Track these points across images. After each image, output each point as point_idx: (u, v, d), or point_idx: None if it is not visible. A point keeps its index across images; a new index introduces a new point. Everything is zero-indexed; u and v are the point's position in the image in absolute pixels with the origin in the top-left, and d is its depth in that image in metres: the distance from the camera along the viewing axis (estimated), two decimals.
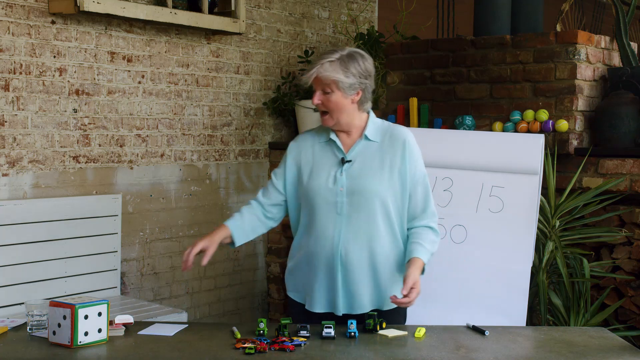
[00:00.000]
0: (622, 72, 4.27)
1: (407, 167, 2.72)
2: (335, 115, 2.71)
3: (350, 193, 2.69)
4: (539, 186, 3.45)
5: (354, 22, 5.47)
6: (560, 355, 2.41)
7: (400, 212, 2.74)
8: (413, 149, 2.76)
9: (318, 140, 2.82)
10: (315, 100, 2.70)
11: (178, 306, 4.49)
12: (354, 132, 2.77)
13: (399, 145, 2.74)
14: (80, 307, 2.36)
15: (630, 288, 3.90)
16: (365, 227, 2.70)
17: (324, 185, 2.72)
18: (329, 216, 2.72)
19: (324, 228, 2.72)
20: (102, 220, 4.05)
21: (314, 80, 2.68)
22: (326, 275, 2.74)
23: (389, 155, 2.73)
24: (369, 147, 2.75)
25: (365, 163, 2.72)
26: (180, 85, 4.48)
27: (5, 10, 3.67)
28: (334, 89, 2.67)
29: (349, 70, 2.67)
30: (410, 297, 2.56)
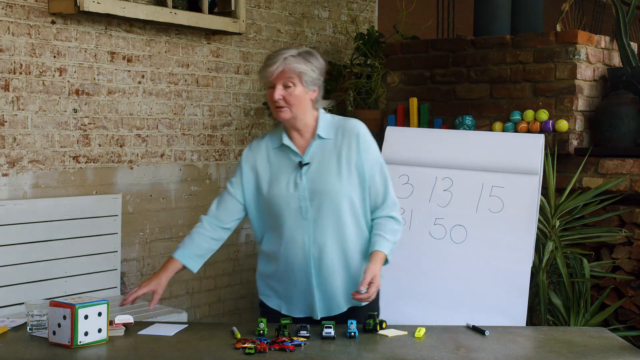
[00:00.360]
0: (622, 72, 4.27)
1: (362, 160, 2.70)
2: (294, 110, 2.67)
3: (313, 196, 2.67)
4: (539, 186, 3.45)
5: (354, 22, 5.47)
6: (560, 355, 2.41)
7: (363, 205, 2.73)
8: (367, 141, 2.74)
9: (271, 147, 2.77)
10: (277, 95, 2.64)
11: (178, 306, 4.49)
12: (307, 132, 2.74)
13: (353, 140, 2.71)
14: (80, 307, 2.36)
15: (630, 288, 3.90)
16: (333, 228, 2.68)
17: (285, 192, 2.68)
18: (296, 222, 2.69)
19: (292, 235, 2.69)
20: (102, 220, 4.05)
21: (273, 76, 2.64)
22: (302, 280, 2.71)
23: (345, 151, 2.70)
24: (324, 146, 2.72)
25: (323, 163, 2.69)
26: (180, 85, 4.48)
27: (5, 10, 3.67)
28: (296, 82, 2.65)
29: (312, 63, 2.68)
30: (369, 292, 2.56)
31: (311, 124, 2.74)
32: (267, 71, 2.65)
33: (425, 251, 3.49)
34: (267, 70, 2.65)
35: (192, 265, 2.78)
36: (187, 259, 2.77)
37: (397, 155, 3.63)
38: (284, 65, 2.64)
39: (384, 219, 2.74)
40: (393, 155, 3.64)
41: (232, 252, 4.87)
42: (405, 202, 3.57)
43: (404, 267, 3.47)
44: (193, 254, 2.78)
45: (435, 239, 3.52)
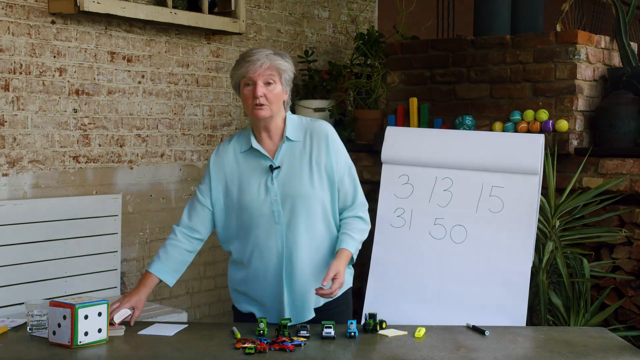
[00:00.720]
0: (622, 72, 4.27)
1: (332, 162, 2.70)
2: (273, 108, 2.64)
3: (285, 200, 2.65)
4: (539, 186, 3.45)
5: (354, 22, 5.47)
6: (560, 355, 2.41)
7: (333, 208, 2.73)
8: (335, 142, 2.73)
9: (239, 150, 2.74)
10: (259, 92, 2.59)
11: (178, 306, 4.49)
12: (276, 134, 2.71)
13: (322, 141, 2.70)
14: (80, 307, 2.36)
15: (630, 288, 3.90)
16: (306, 231, 2.67)
17: (256, 198, 2.66)
18: (268, 227, 2.67)
19: (264, 240, 2.68)
20: (102, 220, 4.05)
21: (256, 73, 2.60)
22: (272, 285, 2.70)
23: (314, 153, 2.69)
24: (293, 148, 2.70)
25: (294, 166, 2.68)
26: (180, 85, 4.48)
27: (5, 10, 3.67)
28: (277, 80, 2.63)
29: (289, 63, 2.68)
30: (332, 287, 2.56)
31: (281, 125, 2.72)
32: (252, 67, 2.59)
33: (425, 251, 3.49)
34: (252, 66, 2.59)
35: (168, 280, 2.76)
36: (164, 273, 2.74)
37: (397, 155, 3.63)
38: (269, 61, 2.61)
39: (351, 219, 2.75)
40: (393, 155, 3.63)
41: None
42: (405, 202, 3.57)
43: (404, 267, 3.47)
44: (169, 268, 2.76)
45: (435, 239, 3.52)
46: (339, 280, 2.58)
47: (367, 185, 4.70)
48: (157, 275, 2.74)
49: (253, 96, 2.61)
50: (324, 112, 4.83)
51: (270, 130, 2.70)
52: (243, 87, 2.65)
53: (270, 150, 2.71)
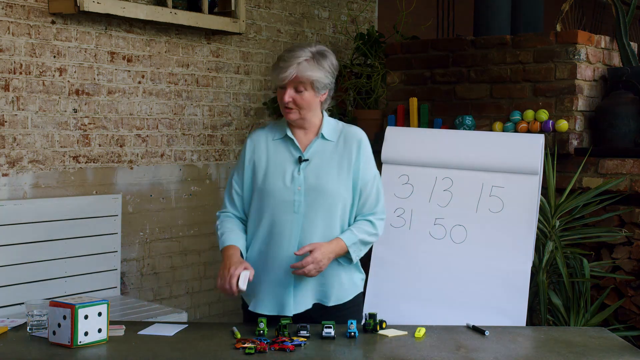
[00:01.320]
0: (622, 72, 4.27)
1: (359, 166, 2.72)
2: (303, 113, 2.69)
3: (308, 192, 2.67)
4: (539, 186, 3.45)
5: (354, 22, 5.47)
6: (560, 355, 2.41)
7: (351, 211, 2.75)
8: (366, 149, 2.76)
9: (272, 137, 2.77)
10: (287, 98, 2.64)
11: (178, 306, 4.49)
12: (311, 131, 2.75)
13: (354, 145, 2.73)
14: (80, 307, 2.36)
15: (630, 288, 3.90)
16: (322, 226, 2.68)
17: (281, 184, 2.68)
18: (285, 215, 2.68)
19: (280, 227, 2.69)
20: (102, 220, 4.05)
21: (284, 81, 2.63)
22: (279, 275, 2.69)
23: (345, 155, 2.72)
24: (326, 147, 2.74)
25: (323, 162, 2.70)
26: (180, 85, 4.48)
27: (5, 10, 3.67)
28: (308, 87, 2.65)
29: (324, 68, 2.67)
30: (303, 261, 2.56)
31: (317, 123, 2.76)
32: (280, 75, 2.64)
33: (425, 251, 3.49)
34: (280, 75, 2.64)
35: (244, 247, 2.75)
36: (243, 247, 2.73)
37: (397, 155, 3.63)
38: (297, 71, 2.63)
39: (362, 221, 2.76)
40: (393, 155, 3.63)
41: None
42: (405, 202, 3.57)
43: (404, 267, 3.47)
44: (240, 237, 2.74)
45: (435, 239, 3.52)
46: (313, 255, 2.57)
47: None
48: (237, 245, 2.71)
49: (282, 99, 2.67)
50: None
51: (304, 128, 2.76)
52: (278, 87, 2.71)
53: (303, 143, 2.75)
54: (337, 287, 2.73)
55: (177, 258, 4.54)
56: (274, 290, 2.71)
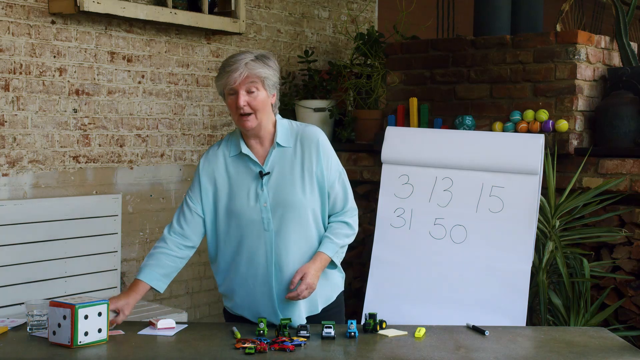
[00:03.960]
0: (622, 72, 4.27)
1: (322, 168, 2.67)
2: (259, 116, 2.61)
3: (276, 207, 2.62)
4: (539, 186, 3.45)
5: (354, 22, 5.47)
6: (560, 355, 2.41)
7: (323, 215, 2.71)
8: (326, 148, 2.70)
9: (228, 155, 2.70)
10: (242, 102, 2.57)
11: (178, 306, 4.49)
12: (266, 140, 2.68)
13: (313, 148, 2.67)
14: (80, 307, 2.36)
15: (630, 288, 3.90)
16: (295, 239, 2.64)
17: (246, 204, 2.62)
18: (257, 234, 2.63)
19: (254, 248, 2.64)
20: (102, 220, 4.05)
21: (236, 83, 2.56)
22: (263, 295, 2.67)
23: (306, 159, 2.66)
24: (284, 154, 2.67)
25: (284, 173, 2.65)
26: (180, 85, 4.48)
27: (5, 10, 3.67)
28: (259, 87, 2.59)
29: (270, 67, 2.63)
30: (298, 290, 2.56)
31: (271, 130, 2.68)
32: (230, 77, 2.57)
33: (425, 251, 3.49)
34: (230, 77, 2.57)
35: (159, 286, 2.67)
36: (155, 280, 2.66)
37: (397, 155, 3.63)
38: (247, 70, 2.57)
39: (337, 223, 2.73)
40: (393, 155, 3.64)
41: None
42: (405, 202, 3.57)
43: (404, 267, 3.48)
44: (159, 275, 2.67)
45: (435, 239, 3.52)
46: (306, 281, 2.57)
47: (367, 185, 4.71)
48: (148, 282, 2.65)
49: (236, 106, 2.59)
50: (324, 112, 4.83)
51: (260, 137, 2.67)
52: (227, 96, 2.63)
53: (260, 155, 2.68)
54: (322, 292, 2.73)
55: None
56: (260, 309, 2.68)
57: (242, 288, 2.70)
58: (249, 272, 2.67)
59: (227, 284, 2.74)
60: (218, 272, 2.77)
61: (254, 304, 2.70)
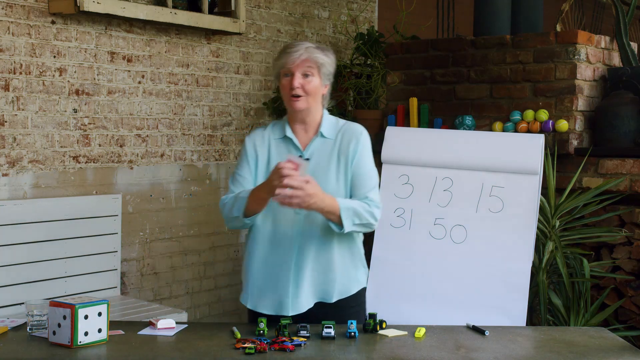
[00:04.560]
0: (622, 72, 4.27)
1: (356, 157, 2.71)
2: (310, 100, 2.67)
3: None
4: (539, 186, 3.45)
5: (354, 22, 5.47)
6: (560, 355, 2.41)
7: None
8: (366, 144, 2.74)
9: (273, 137, 2.77)
10: (296, 83, 2.63)
11: (178, 306, 4.49)
12: (311, 128, 2.75)
13: (353, 139, 2.72)
14: (80, 307, 2.36)
15: (630, 288, 3.90)
16: (322, 226, 2.67)
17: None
18: (287, 215, 2.67)
19: (281, 227, 2.68)
20: (102, 220, 4.05)
21: (294, 64, 2.63)
22: (279, 275, 2.69)
23: (344, 149, 2.71)
24: (325, 145, 2.73)
25: (322, 162, 2.70)
26: (180, 85, 4.48)
27: (5, 10, 3.67)
28: (315, 73, 2.66)
29: (329, 57, 2.71)
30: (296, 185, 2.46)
31: (317, 120, 2.75)
32: (290, 58, 2.64)
33: (425, 251, 3.49)
34: (290, 57, 2.64)
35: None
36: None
37: (397, 155, 3.63)
38: (307, 54, 2.65)
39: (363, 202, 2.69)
40: (393, 155, 3.63)
41: (232, 252, 4.87)
42: (405, 202, 3.57)
43: (404, 267, 3.47)
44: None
45: (435, 239, 3.52)
46: (308, 185, 2.49)
47: None
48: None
49: (290, 87, 2.65)
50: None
51: (306, 123, 2.74)
52: (282, 77, 2.69)
53: (303, 142, 2.74)
54: (340, 282, 2.72)
55: (177, 258, 4.54)
56: (273, 291, 2.71)
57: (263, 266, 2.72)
58: (271, 250, 2.70)
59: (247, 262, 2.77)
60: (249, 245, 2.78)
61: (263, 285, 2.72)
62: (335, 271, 2.72)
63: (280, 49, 2.75)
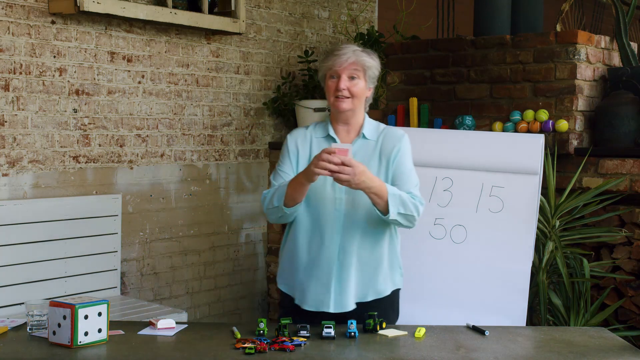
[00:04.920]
0: (622, 72, 4.27)
1: (397, 158, 2.75)
2: (355, 102, 2.73)
3: (349, 190, 2.68)
4: (539, 186, 3.45)
5: (354, 22, 5.47)
6: (560, 355, 2.41)
7: None
8: (406, 147, 2.80)
9: (315, 135, 2.82)
10: (343, 85, 2.69)
11: (178, 306, 4.49)
12: (353, 129, 2.80)
13: (395, 141, 2.77)
14: (80, 307, 2.36)
15: (630, 288, 3.90)
16: (362, 224, 2.71)
17: (322, 182, 2.69)
18: (327, 212, 2.71)
19: (321, 223, 2.72)
20: (102, 220, 4.05)
21: (342, 67, 2.69)
22: (320, 270, 2.73)
23: (385, 150, 2.76)
24: (366, 146, 2.78)
25: (363, 161, 2.71)
26: (180, 85, 4.48)
27: (5, 10, 3.67)
28: (361, 75, 2.73)
29: (376, 61, 2.79)
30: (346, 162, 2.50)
31: (360, 122, 2.81)
32: (338, 60, 2.70)
33: (425, 251, 3.49)
34: (338, 60, 2.70)
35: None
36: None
37: None
38: (355, 57, 2.71)
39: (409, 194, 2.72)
40: None
41: (232, 252, 4.87)
42: None
43: (404, 267, 3.47)
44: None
45: (435, 239, 3.52)
46: (358, 164, 2.53)
47: None
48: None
49: (336, 88, 2.71)
50: (324, 112, 4.83)
51: (349, 124, 2.79)
52: (328, 79, 2.74)
53: (345, 142, 2.78)
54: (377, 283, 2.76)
55: (177, 258, 4.54)
56: (313, 287, 2.74)
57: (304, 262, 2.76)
58: (312, 246, 2.74)
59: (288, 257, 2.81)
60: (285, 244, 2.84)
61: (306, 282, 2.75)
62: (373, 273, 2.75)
63: (327, 51, 2.81)
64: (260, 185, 4.99)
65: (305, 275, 2.76)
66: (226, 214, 4.79)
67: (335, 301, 2.73)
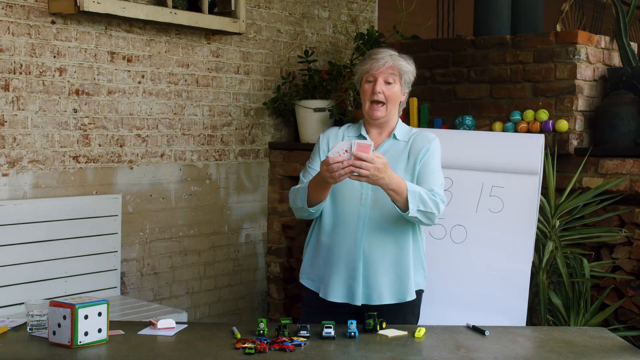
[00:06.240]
0: (622, 72, 4.27)
1: (425, 157, 2.79)
2: (389, 107, 2.78)
3: (376, 187, 2.70)
4: (539, 186, 3.45)
5: (354, 22, 5.47)
6: (560, 355, 2.41)
7: None
8: (437, 149, 2.84)
9: (347, 134, 2.87)
10: (379, 88, 2.73)
11: (178, 306, 4.49)
12: (385, 132, 2.85)
13: (425, 142, 2.82)
14: (80, 307, 2.36)
15: (630, 288, 3.90)
16: (387, 220, 2.75)
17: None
18: (354, 207, 2.76)
19: (347, 218, 2.76)
20: (102, 220, 4.05)
21: (379, 70, 2.73)
22: (346, 264, 2.77)
23: (414, 150, 2.80)
24: (396, 146, 2.83)
25: (392, 160, 2.75)
26: (180, 85, 4.48)
27: (5, 10, 3.67)
28: (396, 80, 2.76)
29: (412, 66, 2.81)
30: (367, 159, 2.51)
31: (392, 125, 2.86)
32: (375, 64, 2.74)
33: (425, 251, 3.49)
34: (375, 64, 2.74)
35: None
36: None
37: None
38: (392, 61, 2.75)
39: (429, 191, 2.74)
40: None
41: (232, 252, 4.87)
42: None
43: None
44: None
45: (435, 239, 3.52)
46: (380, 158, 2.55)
47: None
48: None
49: (372, 92, 2.75)
50: (324, 112, 4.84)
51: (382, 127, 2.85)
52: (364, 82, 2.79)
53: (377, 142, 2.84)
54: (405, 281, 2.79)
55: (177, 258, 4.54)
56: (339, 280, 2.78)
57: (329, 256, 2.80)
58: (336, 241, 2.78)
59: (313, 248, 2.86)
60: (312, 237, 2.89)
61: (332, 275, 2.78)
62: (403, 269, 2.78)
63: (365, 54, 2.85)
64: (260, 185, 4.99)
65: (331, 268, 2.80)
66: (226, 214, 4.79)
67: (363, 294, 2.77)
